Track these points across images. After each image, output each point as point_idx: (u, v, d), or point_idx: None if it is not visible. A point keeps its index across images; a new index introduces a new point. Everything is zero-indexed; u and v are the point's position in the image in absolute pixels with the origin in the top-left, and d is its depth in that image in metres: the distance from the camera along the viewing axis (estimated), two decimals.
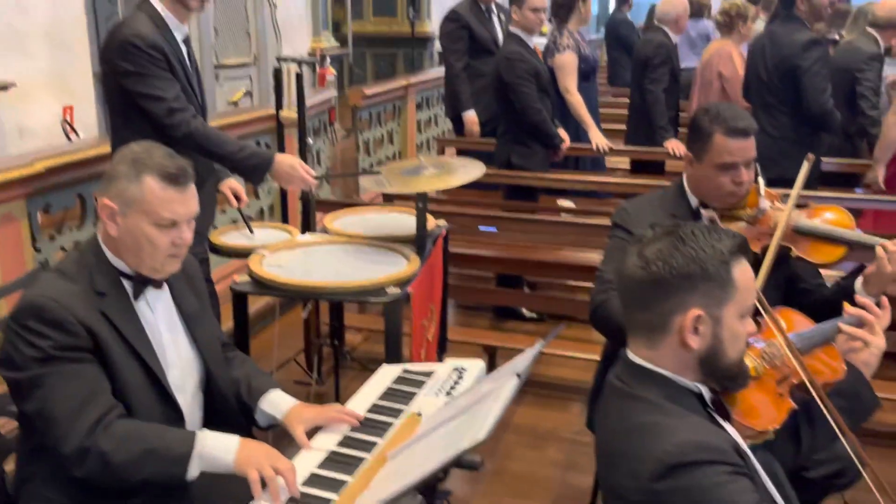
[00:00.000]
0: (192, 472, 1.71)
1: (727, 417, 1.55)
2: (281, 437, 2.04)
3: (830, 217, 2.30)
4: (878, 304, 2.07)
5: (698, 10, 6.80)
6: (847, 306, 1.91)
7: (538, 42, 5.06)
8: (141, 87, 2.63)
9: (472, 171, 2.89)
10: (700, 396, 1.49)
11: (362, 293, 2.52)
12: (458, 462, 1.81)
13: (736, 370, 1.49)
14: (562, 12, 4.88)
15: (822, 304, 2.27)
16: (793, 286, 2.36)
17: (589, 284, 4.39)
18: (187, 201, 1.79)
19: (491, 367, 3.91)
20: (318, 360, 3.62)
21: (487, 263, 4.21)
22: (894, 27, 4.44)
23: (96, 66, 6.07)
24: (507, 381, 1.60)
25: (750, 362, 1.72)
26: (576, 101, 4.89)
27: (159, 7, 2.72)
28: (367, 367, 3.85)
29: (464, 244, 4.10)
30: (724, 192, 2.29)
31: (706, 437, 1.38)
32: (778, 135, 4.23)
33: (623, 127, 5.53)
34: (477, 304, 4.64)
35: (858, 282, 2.18)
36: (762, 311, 1.74)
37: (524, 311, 4.49)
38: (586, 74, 4.97)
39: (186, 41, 2.84)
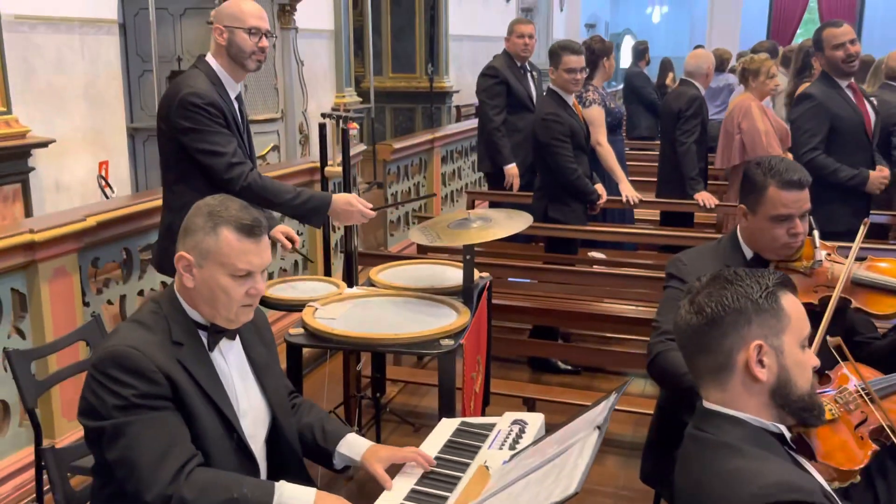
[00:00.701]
0: None
1: (810, 457, 1.56)
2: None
3: (888, 268, 2.31)
4: None
5: (720, 64, 6.91)
6: None
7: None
8: (200, 144, 2.69)
9: (518, 223, 2.92)
10: (781, 436, 1.50)
11: (416, 346, 2.52)
12: None
13: (809, 400, 1.50)
14: (587, 68, 4.97)
15: (879, 354, 2.27)
16: (849, 338, 2.36)
17: (621, 336, 4.46)
18: (262, 252, 1.82)
19: None
20: (358, 412, 3.60)
21: (523, 314, 4.21)
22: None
23: (129, 122, 6.22)
24: (589, 435, 1.60)
25: (825, 407, 1.71)
26: (607, 152, 4.95)
27: (215, 65, 2.79)
28: (406, 420, 3.83)
29: (499, 296, 4.12)
30: (780, 245, 2.31)
31: (793, 478, 1.38)
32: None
33: (645, 178, 5.57)
34: (513, 356, 4.63)
35: None
36: (838, 357, 1.75)
37: (559, 363, 4.48)
38: (612, 127, 5.05)
39: (239, 98, 2.91)
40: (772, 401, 1.48)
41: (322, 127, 3.57)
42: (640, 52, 8.37)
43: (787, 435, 1.50)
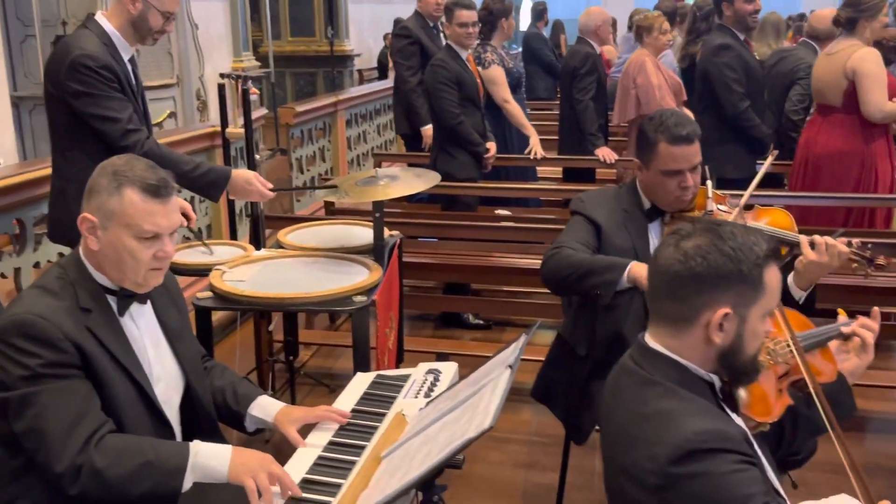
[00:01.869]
0: (187, 483, 1.69)
1: (735, 410, 1.60)
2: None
3: (771, 218, 2.44)
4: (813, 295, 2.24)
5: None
6: (843, 315, 2.02)
7: None
8: (93, 109, 2.59)
9: (427, 179, 2.95)
10: (712, 386, 1.55)
11: (328, 303, 2.53)
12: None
13: (751, 366, 1.55)
14: (485, 29, 5.01)
15: None
16: None
17: (529, 290, 4.57)
18: (169, 213, 1.78)
19: None
20: (271, 376, 3.59)
21: (433, 272, 4.26)
22: (830, 37, 4.72)
23: (12, 90, 5.89)
24: (501, 374, 1.65)
25: None
26: (514, 109, 5.03)
27: (108, 27, 2.69)
28: (321, 382, 3.84)
29: (409, 255, 4.15)
30: (672, 198, 2.42)
31: (723, 427, 1.44)
32: (710, 140, 4.43)
33: (547, 137, 5.68)
34: (425, 313, 4.70)
35: (790, 276, 2.30)
36: (778, 311, 1.83)
37: (470, 317, 4.56)
38: (513, 87, 5.12)
39: (132, 61, 2.81)
40: (717, 359, 1.52)
41: (221, 88, 3.49)
42: (539, 13, 8.46)
43: (718, 385, 1.56)
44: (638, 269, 2.27)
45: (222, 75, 3.28)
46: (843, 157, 4.23)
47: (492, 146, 4.76)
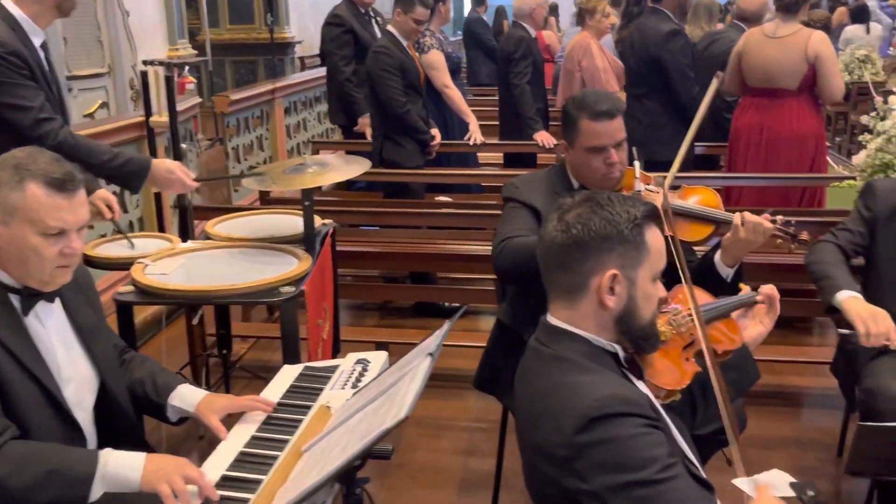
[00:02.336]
0: (95, 493, 1.62)
1: (640, 377, 1.62)
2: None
3: (699, 198, 2.45)
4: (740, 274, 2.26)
5: None
6: (745, 289, 2.04)
7: None
8: (3, 97, 2.47)
9: (356, 166, 2.89)
10: (616, 356, 1.57)
11: (255, 295, 2.46)
12: (370, 452, 1.82)
13: (649, 330, 1.57)
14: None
15: (692, 275, 2.41)
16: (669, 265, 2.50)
17: (474, 276, 4.55)
18: (76, 208, 1.70)
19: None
20: (205, 371, 3.51)
21: (370, 261, 4.21)
22: (758, 18, 4.76)
23: None
24: (420, 362, 1.62)
25: (660, 327, 1.79)
26: (454, 94, 5.00)
27: (14, 10, 2.56)
28: (258, 376, 3.76)
29: (349, 244, 4.10)
30: (599, 176, 2.40)
31: (625, 391, 1.46)
32: (647, 121, 4.46)
33: (489, 122, 5.66)
34: (365, 302, 4.65)
35: (718, 253, 2.32)
36: (683, 279, 1.83)
37: (445, 304, 4.51)
38: (452, 72, 5.08)
39: (44, 47, 2.69)
40: (614, 326, 1.54)
41: (144, 76, 3.38)
42: None
43: (622, 355, 1.58)
44: None
45: (145, 62, 3.17)
46: (802, 139, 4.27)
47: (437, 133, 4.73)
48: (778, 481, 3.09)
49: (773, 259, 3.62)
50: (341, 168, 2.86)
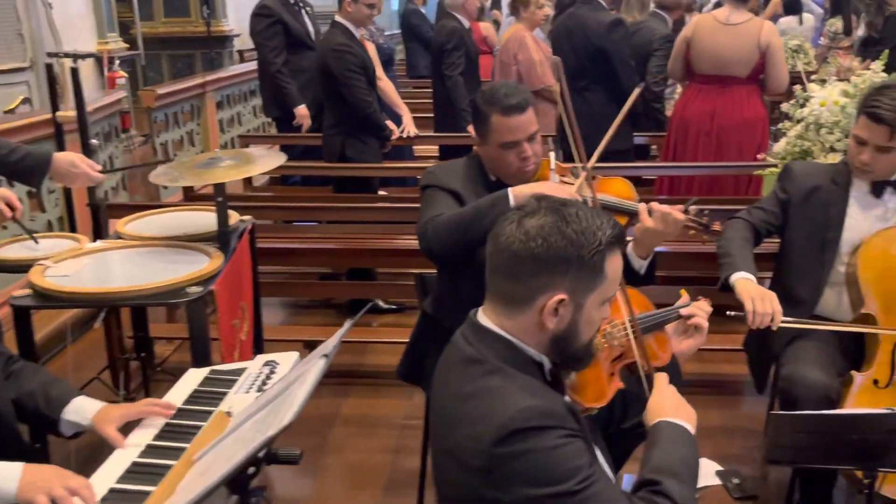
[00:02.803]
0: None
1: (563, 391, 1.55)
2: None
3: (613, 188, 2.40)
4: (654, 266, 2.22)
5: None
6: (685, 295, 2.01)
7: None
8: None
9: (272, 160, 2.80)
10: (541, 366, 1.49)
11: (159, 296, 2.36)
12: (276, 458, 1.74)
13: (583, 353, 1.51)
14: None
15: None
16: None
17: (408, 270, 4.48)
18: None
19: None
20: (125, 375, 3.38)
21: (307, 257, 4.11)
22: (679, 7, 4.75)
23: None
24: (313, 365, 1.54)
25: None
26: (387, 86, 4.91)
27: None
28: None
29: (284, 240, 4.02)
30: (514, 170, 2.34)
31: (547, 403, 1.39)
32: (591, 114, 4.39)
33: (426, 115, 5.60)
34: (296, 300, 4.56)
35: (630, 245, 2.27)
36: (620, 291, 1.77)
37: (380, 302, 4.44)
38: (384, 64, 4.99)
39: None
40: (549, 343, 1.47)
41: (49, 69, 3.23)
42: None
43: (547, 367, 1.50)
44: (520, 190, 2.20)
45: (50, 54, 3.03)
46: (750, 126, 4.27)
47: (394, 127, 4.67)
48: (704, 470, 3.11)
49: (702, 248, 3.63)
50: (256, 162, 2.76)
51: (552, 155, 2.41)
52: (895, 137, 2.33)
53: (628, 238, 2.45)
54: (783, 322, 2.25)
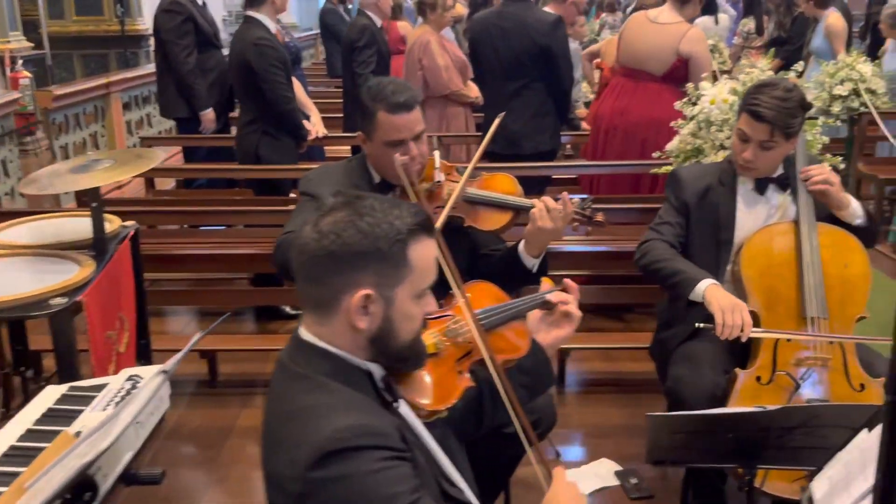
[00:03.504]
0: None
1: (395, 399, 1.46)
2: None
3: (496, 184, 2.35)
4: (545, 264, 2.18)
5: None
6: (547, 282, 1.94)
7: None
8: None
9: (151, 159, 2.68)
10: (370, 374, 1.42)
11: (20, 308, 2.23)
12: (136, 479, 1.64)
13: (408, 352, 1.43)
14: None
15: (496, 268, 2.33)
16: (475, 254, 2.40)
17: None
18: None
19: (212, 373, 3.71)
20: (4, 391, 3.20)
21: (205, 263, 3.98)
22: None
23: None
24: (150, 381, 1.45)
25: (431, 339, 1.66)
26: (296, 86, 4.77)
27: None
28: None
29: (186, 245, 3.88)
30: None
31: (368, 420, 1.31)
32: (530, 113, 4.34)
33: (339, 115, 5.50)
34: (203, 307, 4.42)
35: (521, 244, 2.24)
36: (454, 287, 1.71)
37: (288, 309, 4.31)
38: (291, 62, 4.85)
39: None
40: (369, 345, 1.39)
41: None
42: None
43: (378, 374, 1.43)
44: None
45: None
46: (659, 124, 4.21)
47: (311, 127, 4.54)
48: (603, 471, 3.10)
49: (601, 246, 3.63)
50: (131, 163, 2.64)
51: (437, 154, 2.36)
52: (776, 135, 2.34)
53: (510, 242, 2.42)
54: (753, 332, 2.23)
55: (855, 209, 2.41)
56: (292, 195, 4.88)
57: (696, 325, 2.26)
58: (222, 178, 5.07)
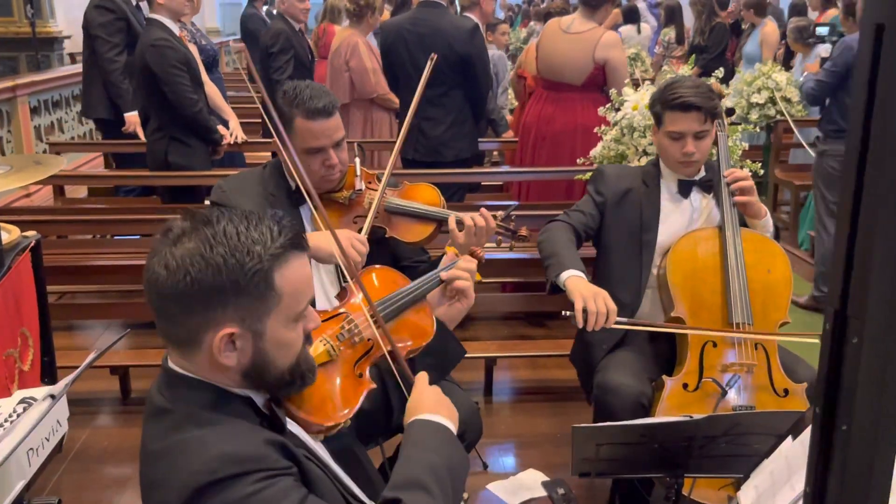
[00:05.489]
0: None
1: (282, 426, 1.33)
2: None
3: (418, 195, 2.27)
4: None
5: None
6: (451, 251, 1.91)
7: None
8: None
9: (51, 166, 2.52)
10: (249, 400, 1.29)
11: None
12: None
13: (289, 377, 1.29)
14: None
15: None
16: (396, 266, 2.32)
17: None
18: None
19: (124, 390, 3.53)
20: None
21: (120, 274, 3.80)
22: (475, 4, 4.71)
23: None
24: (37, 406, 1.32)
25: (322, 346, 1.56)
26: (211, 90, 4.62)
27: None
28: None
29: (104, 256, 3.70)
30: (317, 178, 2.18)
31: (237, 448, 1.18)
32: (449, 121, 4.26)
33: (255, 121, 5.36)
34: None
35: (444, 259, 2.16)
36: (350, 283, 1.63)
37: None
38: (208, 66, 4.71)
39: None
40: (243, 379, 1.26)
41: None
42: None
43: (259, 400, 1.30)
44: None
45: None
46: (585, 131, 4.22)
47: (225, 132, 4.38)
48: (530, 482, 3.04)
49: (525, 254, 3.59)
50: (26, 171, 2.47)
51: (357, 161, 2.27)
52: (706, 120, 2.35)
53: (433, 250, 2.36)
54: (617, 322, 2.16)
55: (767, 221, 2.44)
56: (207, 202, 4.73)
57: (564, 313, 2.18)
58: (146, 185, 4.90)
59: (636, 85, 3.47)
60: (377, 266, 1.87)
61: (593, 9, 4.13)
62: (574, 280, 2.24)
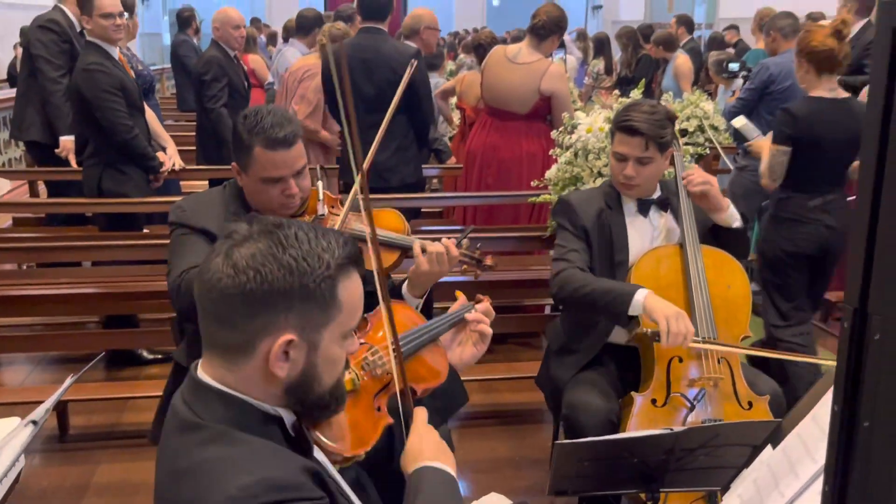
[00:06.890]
0: None
1: (309, 449, 1.30)
2: None
3: (382, 221, 2.21)
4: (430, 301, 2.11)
5: None
6: (462, 297, 1.86)
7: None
8: None
9: None
10: (280, 420, 1.24)
11: None
12: None
13: (328, 399, 1.26)
14: (126, 13, 4.44)
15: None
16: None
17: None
18: None
19: (62, 426, 3.36)
20: None
21: (56, 304, 3.62)
22: (415, 33, 4.75)
23: None
24: (18, 434, 1.24)
25: (348, 375, 1.52)
26: (150, 116, 4.49)
27: None
28: None
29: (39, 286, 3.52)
30: (276, 205, 2.12)
31: (276, 473, 1.13)
32: (395, 146, 4.21)
33: (191, 147, 5.25)
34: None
35: (405, 286, 2.12)
36: (384, 315, 1.55)
37: (144, 353, 3.98)
38: (144, 93, 4.58)
39: None
40: (284, 394, 1.22)
41: None
42: (186, 20, 7.86)
43: (289, 421, 1.26)
44: None
45: None
46: (531, 158, 4.29)
47: (165, 158, 4.25)
48: None
49: (486, 277, 3.59)
50: None
51: (320, 184, 2.22)
52: (651, 147, 2.40)
53: (396, 275, 2.32)
54: (694, 341, 2.20)
55: (732, 212, 2.49)
56: (146, 230, 4.58)
57: (644, 330, 2.21)
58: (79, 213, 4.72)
59: None
60: (395, 300, 1.84)
61: (541, 39, 4.20)
62: (651, 298, 2.24)
